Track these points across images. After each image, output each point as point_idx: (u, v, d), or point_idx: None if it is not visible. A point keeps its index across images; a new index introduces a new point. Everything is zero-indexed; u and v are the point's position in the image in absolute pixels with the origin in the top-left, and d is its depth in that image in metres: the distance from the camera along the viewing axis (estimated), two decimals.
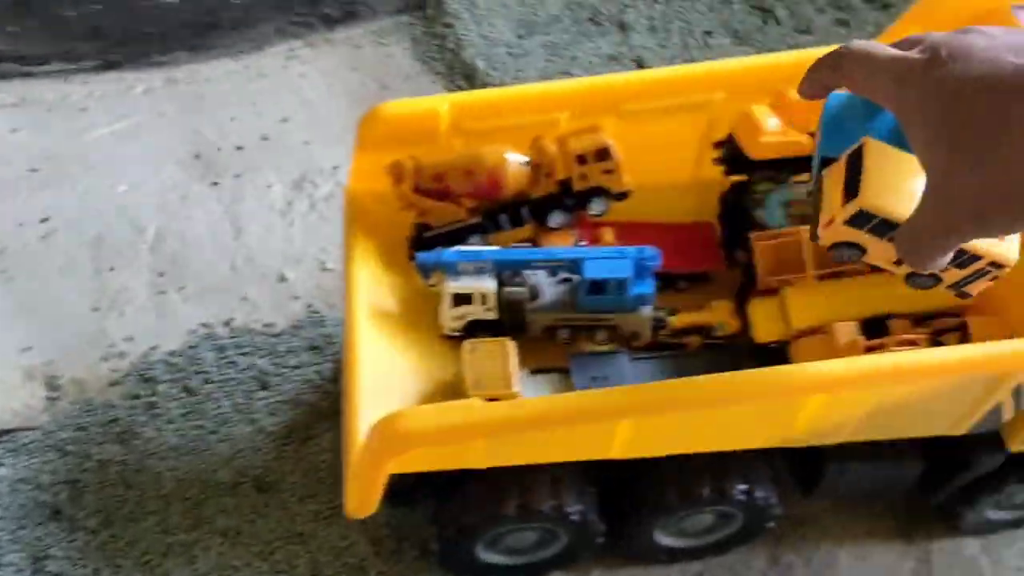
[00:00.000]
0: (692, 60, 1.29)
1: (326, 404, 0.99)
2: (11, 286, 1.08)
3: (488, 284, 0.78)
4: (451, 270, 0.79)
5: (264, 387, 1.01)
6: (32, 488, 0.94)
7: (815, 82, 0.47)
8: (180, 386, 1.01)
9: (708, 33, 1.33)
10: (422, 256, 0.79)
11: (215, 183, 1.18)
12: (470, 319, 0.80)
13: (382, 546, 0.90)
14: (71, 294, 1.08)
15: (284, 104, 1.26)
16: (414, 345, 0.80)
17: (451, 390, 0.77)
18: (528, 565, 0.84)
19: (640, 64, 1.29)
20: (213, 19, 1.33)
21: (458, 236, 0.83)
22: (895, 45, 0.44)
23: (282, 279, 1.10)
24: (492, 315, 0.79)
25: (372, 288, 0.80)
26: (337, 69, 1.30)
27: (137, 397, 1.01)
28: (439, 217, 0.82)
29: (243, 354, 1.03)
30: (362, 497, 0.70)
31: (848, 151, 0.51)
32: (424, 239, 0.83)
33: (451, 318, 0.80)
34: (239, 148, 1.21)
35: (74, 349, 1.03)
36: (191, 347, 1.04)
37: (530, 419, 0.66)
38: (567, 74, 1.27)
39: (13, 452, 0.97)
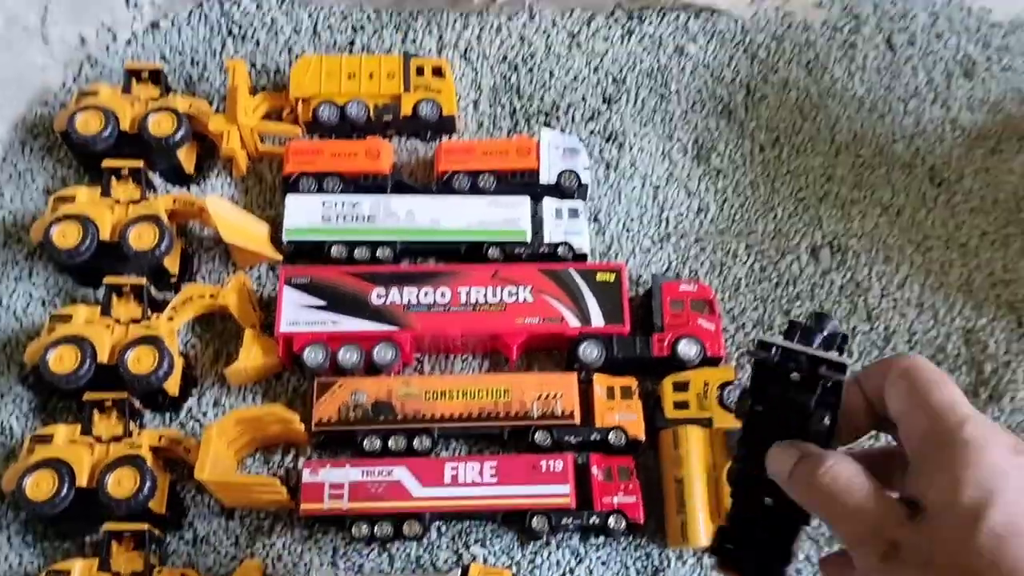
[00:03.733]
0: None
1: None
2: None
3: None
4: None
5: (967, 76, 0.97)
6: (713, 78, 0.95)
7: None
8: (884, 36, 0.98)
9: None
10: None
11: None
12: None
13: None
14: None
15: None
16: None
17: None
18: None
19: None
20: None
21: None
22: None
23: None
24: None
25: None
26: None
27: (838, 30, 0.98)
28: None
29: (955, 32, 0.99)
30: None
31: None
32: None
33: None
34: None
35: None
36: None
37: None
38: None
39: (708, 35, 0.97)
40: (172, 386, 0.80)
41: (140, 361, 0.78)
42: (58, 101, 0.94)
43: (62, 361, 0.77)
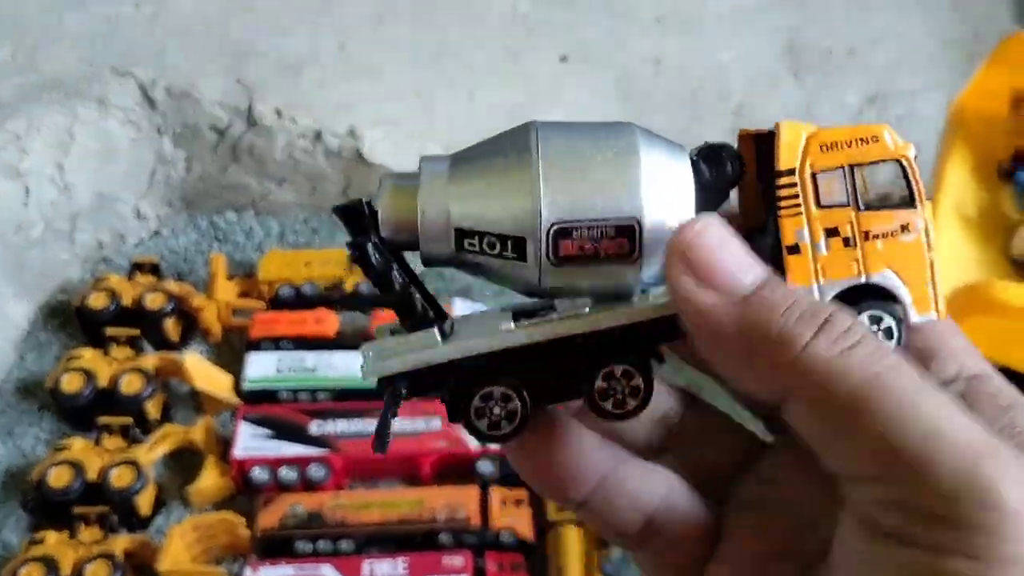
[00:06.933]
0: None
1: None
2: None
3: None
4: None
5: None
6: None
7: None
8: None
9: None
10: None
11: (799, 77, 1.30)
12: None
13: None
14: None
15: (877, 25, 1.36)
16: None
17: None
18: None
19: None
20: None
21: None
22: None
23: None
24: None
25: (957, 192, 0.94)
26: (939, 6, 1.40)
27: None
28: None
29: None
30: None
31: None
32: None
33: None
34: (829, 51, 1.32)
35: None
36: None
37: None
38: None
39: None
40: (145, 504, 0.98)
41: (121, 477, 0.97)
42: (74, 289, 1.18)
43: (59, 478, 0.96)
